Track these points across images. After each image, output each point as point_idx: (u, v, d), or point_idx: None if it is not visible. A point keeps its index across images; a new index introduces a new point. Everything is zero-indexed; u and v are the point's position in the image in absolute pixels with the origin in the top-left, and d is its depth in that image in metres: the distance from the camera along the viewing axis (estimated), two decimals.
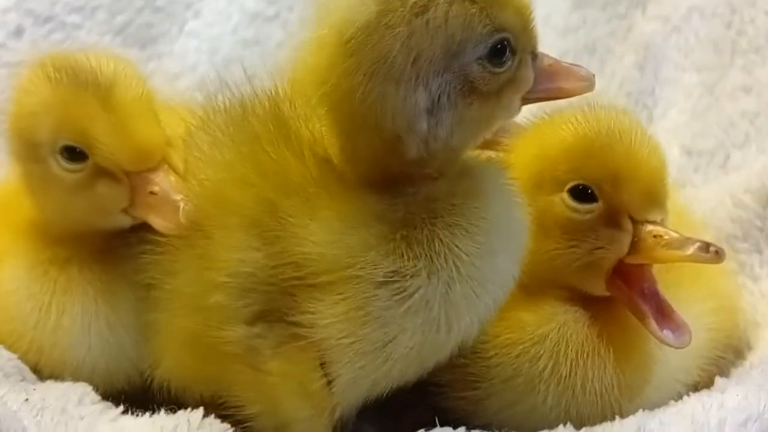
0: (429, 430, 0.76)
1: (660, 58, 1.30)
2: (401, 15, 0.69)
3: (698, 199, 1.14)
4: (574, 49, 1.35)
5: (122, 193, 0.86)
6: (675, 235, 0.80)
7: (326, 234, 0.73)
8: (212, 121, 0.82)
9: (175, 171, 0.87)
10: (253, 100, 0.80)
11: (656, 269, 0.85)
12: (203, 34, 1.36)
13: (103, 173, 0.86)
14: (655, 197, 0.82)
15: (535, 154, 0.86)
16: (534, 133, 0.89)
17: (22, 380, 0.86)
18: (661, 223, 0.82)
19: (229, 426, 0.76)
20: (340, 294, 0.72)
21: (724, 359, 0.92)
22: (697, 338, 0.87)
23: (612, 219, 0.82)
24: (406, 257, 0.72)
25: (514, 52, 0.72)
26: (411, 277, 0.72)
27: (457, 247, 0.73)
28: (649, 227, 0.81)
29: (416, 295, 0.72)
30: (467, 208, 0.74)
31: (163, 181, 0.85)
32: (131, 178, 0.86)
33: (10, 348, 0.91)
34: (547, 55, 0.76)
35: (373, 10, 0.69)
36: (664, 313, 0.81)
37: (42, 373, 0.90)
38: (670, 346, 0.80)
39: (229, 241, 0.75)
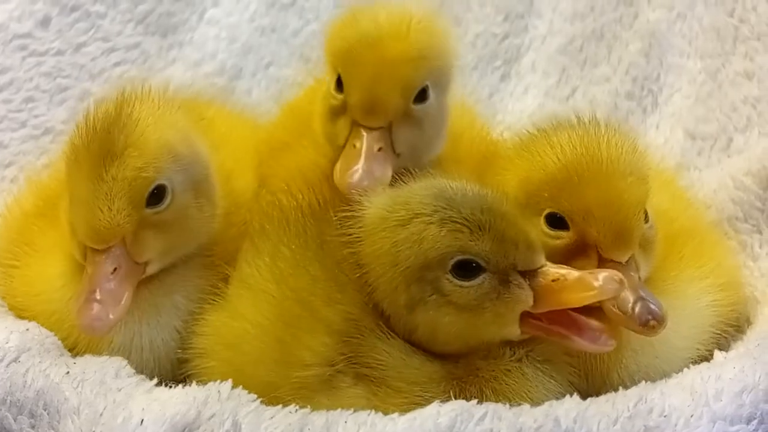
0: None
1: (665, 45, 1.31)
2: (391, 223, 0.81)
3: (701, 181, 1.17)
4: (582, 35, 1.37)
5: (83, 260, 0.86)
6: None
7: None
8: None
9: (132, 257, 0.85)
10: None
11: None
12: (222, 22, 1.38)
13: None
14: (624, 237, 0.84)
15: (523, 177, 0.90)
16: (526, 151, 0.92)
17: (62, 355, 0.88)
18: (629, 263, 0.84)
19: (256, 397, 0.79)
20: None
21: (729, 333, 0.94)
22: (701, 315, 0.91)
23: (581, 250, 0.86)
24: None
25: (484, 271, 0.79)
26: None
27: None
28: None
29: None
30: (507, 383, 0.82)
31: (97, 269, 0.84)
32: (87, 252, 0.86)
33: None
34: (556, 271, 0.80)
35: (378, 215, 0.83)
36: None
37: None
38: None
39: (312, 343, 0.82)
